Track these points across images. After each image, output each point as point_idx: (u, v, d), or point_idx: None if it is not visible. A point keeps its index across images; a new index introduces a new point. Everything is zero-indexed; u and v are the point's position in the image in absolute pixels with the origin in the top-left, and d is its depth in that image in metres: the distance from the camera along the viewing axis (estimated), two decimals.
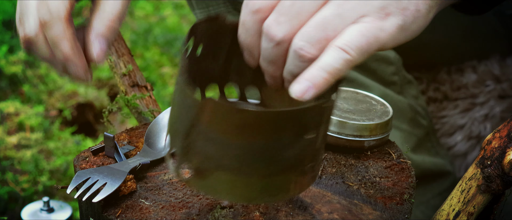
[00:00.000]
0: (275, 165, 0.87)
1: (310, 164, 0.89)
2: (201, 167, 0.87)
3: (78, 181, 0.95)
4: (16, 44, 2.55)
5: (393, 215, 0.94)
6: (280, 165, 0.87)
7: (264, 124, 0.83)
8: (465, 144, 1.56)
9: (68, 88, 2.32)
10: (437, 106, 1.61)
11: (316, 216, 0.93)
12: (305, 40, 0.83)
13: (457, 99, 1.59)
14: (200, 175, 0.88)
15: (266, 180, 0.88)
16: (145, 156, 1.03)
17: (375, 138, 1.06)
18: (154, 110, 1.21)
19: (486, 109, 1.55)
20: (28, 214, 1.55)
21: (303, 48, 0.83)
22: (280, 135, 0.84)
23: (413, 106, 1.49)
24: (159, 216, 0.93)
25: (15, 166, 1.98)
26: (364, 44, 0.84)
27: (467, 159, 1.56)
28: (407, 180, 1.00)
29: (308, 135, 0.87)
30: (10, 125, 2.16)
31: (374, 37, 0.84)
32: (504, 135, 0.94)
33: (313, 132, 0.87)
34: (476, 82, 1.58)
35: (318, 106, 0.85)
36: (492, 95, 1.56)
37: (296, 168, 0.89)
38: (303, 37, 0.83)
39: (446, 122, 1.58)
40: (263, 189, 0.88)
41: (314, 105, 0.84)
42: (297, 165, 0.89)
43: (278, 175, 0.88)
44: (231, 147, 0.85)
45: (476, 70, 1.60)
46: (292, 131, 0.85)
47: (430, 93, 1.62)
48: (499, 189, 0.95)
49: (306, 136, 0.87)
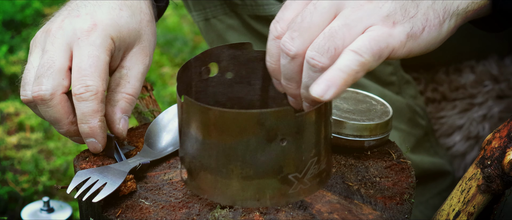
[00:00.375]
0: (249, 167, 0.92)
1: (293, 174, 0.93)
2: (191, 167, 0.95)
3: (78, 181, 0.96)
4: (16, 44, 2.55)
5: (393, 215, 0.94)
6: (255, 168, 0.92)
7: (229, 123, 0.89)
8: (463, 144, 1.56)
9: None
10: (435, 107, 1.61)
11: (316, 216, 0.93)
12: (316, 50, 0.87)
13: (455, 99, 1.59)
14: (190, 175, 0.96)
15: (245, 182, 0.92)
16: (145, 156, 1.03)
17: (375, 138, 1.06)
18: (154, 109, 1.22)
19: (485, 109, 1.55)
20: (28, 214, 1.55)
21: (314, 57, 0.87)
22: (247, 137, 0.90)
23: (411, 107, 1.49)
24: (159, 216, 0.93)
25: (15, 166, 1.98)
26: (375, 48, 0.86)
27: (466, 159, 1.56)
28: (407, 180, 1.00)
29: (277, 141, 0.91)
30: (10, 125, 2.16)
31: (384, 42, 0.87)
32: (504, 135, 0.94)
33: (284, 139, 0.91)
34: (474, 83, 1.58)
35: (283, 112, 0.89)
36: (490, 96, 1.56)
37: (275, 174, 0.92)
38: (313, 48, 0.87)
39: (445, 122, 1.58)
40: (244, 191, 0.93)
41: (276, 110, 0.89)
42: (275, 172, 0.92)
43: (255, 178, 0.92)
44: (207, 146, 0.92)
45: (474, 70, 1.60)
46: (259, 134, 0.90)
47: (428, 93, 1.61)
48: (499, 189, 0.95)
49: (276, 141, 0.90)
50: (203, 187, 0.95)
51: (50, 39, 1.03)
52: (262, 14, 1.39)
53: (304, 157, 0.92)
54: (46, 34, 1.04)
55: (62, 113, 1.01)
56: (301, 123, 0.90)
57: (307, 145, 0.92)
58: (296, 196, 0.94)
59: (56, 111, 1.00)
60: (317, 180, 0.95)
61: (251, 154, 0.91)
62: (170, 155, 1.05)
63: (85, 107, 0.99)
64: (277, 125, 0.89)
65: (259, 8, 1.39)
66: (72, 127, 1.02)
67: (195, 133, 0.92)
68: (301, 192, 0.94)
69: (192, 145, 0.93)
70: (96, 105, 0.99)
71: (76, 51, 1.01)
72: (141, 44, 1.06)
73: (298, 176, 0.93)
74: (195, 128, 0.92)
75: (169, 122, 1.07)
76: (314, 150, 0.93)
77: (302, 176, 0.93)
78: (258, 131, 0.90)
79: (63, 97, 1.00)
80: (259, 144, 0.90)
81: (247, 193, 0.93)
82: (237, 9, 1.42)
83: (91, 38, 1.01)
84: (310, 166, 0.94)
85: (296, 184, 0.93)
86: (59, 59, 1.01)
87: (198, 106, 0.91)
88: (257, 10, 1.39)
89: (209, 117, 0.90)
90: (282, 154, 0.91)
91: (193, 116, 0.92)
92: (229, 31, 1.44)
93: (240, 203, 0.94)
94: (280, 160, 0.91)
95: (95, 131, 1.00)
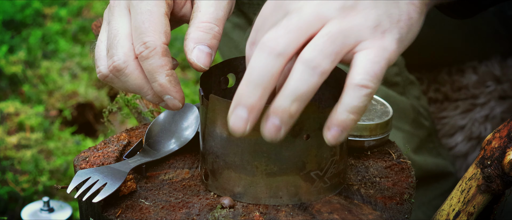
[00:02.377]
0: (274, 163, 0.93)
1: (315, 171, 0.94)
2: (214, 167, 0.96)
3: (78, 181, 0.95)
4: (16, 44, 2.55)
5: (393, 215, 0.94)
6: (279, 164, 0.93)
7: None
8: (465, 145, 1.56)
9: (68, 88, 2.32)
10: (437, 107, 1.61)
11: (316, 216, 0.93)
12: (318, 51, 0.83)
13: (457, 100, 1.59)
14: (213, 175, 0.96)
15: (269, 179, 0.93)
16: (145, 156, 1.03)
17: (375, 138, 1.06)
18: (154, 109, 1.22)
19: (487, 110, 1.55)
20: (28, 214, 1.55)
21: (316, 58, 0.83)
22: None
23: (415, 107, 1.49)
24: (159, 216, 0.93)
25: (15, 166, 1.98)
26: (379, 70, 0.84)
27: (468, 160, 1.56)
28: (407, 180, 1.00)
29: (301, 136, 0.91)
30: (10, 125, 2.16)
31: (384, 59, 0.85)
32: (504, 135, 0.94)
33: (308, 134, 0.91)
34: (477, 83, 1.58)
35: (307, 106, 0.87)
36: (492, 96, 1.56)
37: (298, 171, 0.93)
38: (314, 49, 0.83)
39: (447, 123, 1.58)
40: (268, 189, 0.94)
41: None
42: (298, 168, 0.93)
43: (279, 175, 0.93)
44: (232, 143, 0.93)
45: (477, 71, 1.60)
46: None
47: (430, 94, 1.61)
48: (499, 189, 0.95)
49: (300, 137, 0.91)
50: (226, 186, 0.96)
51: (110, 11, 0.99)
52: None
53: (325, 155, 0.93)
54: (108, 8, 1.00)
55: (141, 78, 0.96)
56: (324, 119, 0.90)
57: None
58: (316, 194, 0.95)
59: (135, 78, 0.96)
60: (335, 180, 0.96)
61: (276, 149, 0.92)
62: (170, 155, 1.05)
63: (149, 65, 0.94)
64: (302, 119, 0.89)
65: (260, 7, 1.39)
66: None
67: (220, 131, 0.93)
68: (321, 191, 0.95)
69: (217, 143, 0.94)
70: (158, 60, 0.94)
71: (132, 11, 0.97)
72: None
73: (319, 174, 0.94)
74: (220, 126, 0.93)
75: (169, 122, 1.07)
76: (334, 148, 0.94)
77: (323, 174, 0.94)
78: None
79: (138, 62, 0.96)
80: (284, 139, 0.88)
81: (271, 190, 0.94)
82: (244, 7, 1.42)
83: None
84: (330, 164, 0.94)
85: (317, 182, 0.94)
86: (122, 25, 0.97)
87: (225, 102, 0.91)
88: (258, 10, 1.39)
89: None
90: (306, 150, 0.92)
91: (219, 114, 0.92)
92: (236, 29, 1.44)
93: (264, 201, 0.94)
94: (303, 156, 0.92)
95: (166, 87, 0.95)
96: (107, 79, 0.98)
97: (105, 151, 1.04)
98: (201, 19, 0.97)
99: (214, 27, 0.97)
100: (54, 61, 2.47)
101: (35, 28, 2.63)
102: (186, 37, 0.97)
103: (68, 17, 2.74)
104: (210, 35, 0.96)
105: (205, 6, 0.98)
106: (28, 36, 2.59)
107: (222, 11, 0.98)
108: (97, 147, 1.05)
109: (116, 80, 0.98)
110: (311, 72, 0.83)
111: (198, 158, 1.05)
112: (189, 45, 0.96)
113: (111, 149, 1.04)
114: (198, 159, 1.05)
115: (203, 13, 0.97)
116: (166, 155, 1.05)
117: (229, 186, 0.95)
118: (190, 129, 1.07)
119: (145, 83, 0.96)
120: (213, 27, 0.97)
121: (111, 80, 0.98)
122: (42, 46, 2.57)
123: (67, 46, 2.56)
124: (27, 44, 2.54)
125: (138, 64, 0.96)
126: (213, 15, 0.97)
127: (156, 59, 0.94)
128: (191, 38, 0.96)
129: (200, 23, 0.97)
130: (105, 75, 0.97)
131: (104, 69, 0.97)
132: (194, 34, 0.96)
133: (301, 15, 0.85)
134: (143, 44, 0.94)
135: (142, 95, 0.98)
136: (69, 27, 2.69)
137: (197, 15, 0.98)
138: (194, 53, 0.96)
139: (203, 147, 0.97)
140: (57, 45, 2.56)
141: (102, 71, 0.97)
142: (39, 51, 2.53)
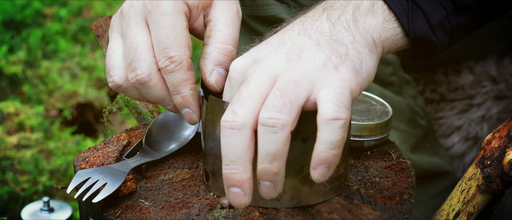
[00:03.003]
0: None
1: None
2: (214, 168, 0.96)
3: (78, 181, 0.96)
4: (16, 44, 2.56)
5: (393, 215, 0.94)
6: None
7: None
8: (462, 145, 1.56)
9: (68, 88, 2.32)
10: (434, 108, 1.61)
11: (316, 216, 0.93)
12: (271, 109, 0.85)
13: (454, 100, 1.59)
14: (213, 176, 0.97)
15: None
16: (145, 156, 1.03)
17: (375, 138, 1.06)
18: (153, 110, 1.22)
19: (483, 110, 1.55)
20: (28, 214, 1.55)
21: (272, 116, 0.85)
22: None
23: (411, 107, 1.49)
24: (159, 216, 0.93)
25: (15, 166, 1.98)
26: (345, 99, 0.86)
27: (465, 160, 1.56)
28: (406, 180, 1.00)
29: (299, 139, 0.91)
30: (10, 125, 2.16)
31: (346, 88, 0.86)
32: (503, 135, 0.94)
33: (306, 137, 0.92)
34: (473, 83, 1.58)
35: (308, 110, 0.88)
36: (489, 96, 1.56)
37: (296, 174, 0.93)
38: (268, 109, 0.85)
39: (443, 123, 1.58)
40: None
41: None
42: (296, 171, 0.93)
43: None
44: None
45: (473, 71, 1.60)
46: None
47: (427, 94, 1.61)
48: (499, 189, 0.95)
49: (298, 140, 0.91)
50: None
51: (125, 21, 1.00)
52: (262, 14, 1.39)
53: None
54: (120, 17, 1.01)
55: (164, 89, 0.98)
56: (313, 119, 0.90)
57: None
58: (315, 197, 0.95)
59: (157, 90, 0.98)
60: (335, 184, 0.96)
61: None
62: (170, 155, 1.05)
63: (174, 79, 0.96)
64: (300, 122, 0.89)
65: (258, 8, 1.39)
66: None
67: (219, 132, 0.92)
68: (320, 194, 0.95)
69: (216, 144, 0.94)
70: (184, 74, 0.96)
71: (151, 25, 0.98)
72: None
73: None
74: (219, 127, 0.92)
75: (169, 122, 1.07)
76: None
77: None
78: None
79: (160, 75, 0.98)
80: None
81: None
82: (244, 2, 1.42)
83: (161, 8, 0.98)
84: None
85: (316, 185, 0.94)
86: (141, 39, 0.98)
87: (224, 104, 0.92)
88: (257, 10, 1.39)
89: None
90: (304, 153, 0.92)
91: (218, 115, 0.92)
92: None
93: (262, 203, 0.94)
94: (301, 158, 0.92)
95: (188, 100, 0.97)
96: (120, 88, 1.00)
97: (105, 151, 1.04)
98: (220, 39, 0.99)
99: (233, 50, 0.99)
100: (54, 61, 2.47)
101: (35, 28, 2.63)
102: (206, 57, 0.98)
103: (68, 17, 2.75)
104: (229, 58, 0.99)
105: (224, 26, 1.00)
106: (28, 36, 2.59)
107: (238, 32, 1.01)
108: (97, 147, 1.06)
109: (133, 91, 0.99)
110: (273, 130, 0.85)
111: (198, 158, 1.05)
112: (209, 66, 0.98)
113: (111, 149, 1.05)
114: (198, 159, 1.05)
115: (222, 33, 0.99)
116: (166, 155, 1.05)
117: None
118: (190, 129, 1.07)
119: (167, 95, 0.98)
120: (232, 49, 0.99)
121: (124, 90, 1.00)
122: (42, 46, 2.57)
123: (67, 46, 2.56)
124: (27, 44, 2.54)
125: (161, 77, 0.98)
126: (232, 37, 0.99)
127: (182, 73, 0.96)
128: (211, 59, 0.98)
129: (220, 44, 0.99)
130: (119, 85, 0.99)
131: (118, 80, 0.99)
132: (214, 55, 0.98)
133: (252, 83, 0.87)
134: (169, 58, 0.96)
135: (162, 105, 1.00)
136: (69, 27, 2.69)
137: (216, 34, 0.99)
138: (214, 75, 0.98)
139: (204, 147, 0.97)
140: (57, 45, 2.56)
141: (117, 81, 0.99)
142: (39, 51, 2.53)
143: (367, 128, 1.05)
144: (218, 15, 1.00)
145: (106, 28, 1.27)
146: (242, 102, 0.86)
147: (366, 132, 1.05)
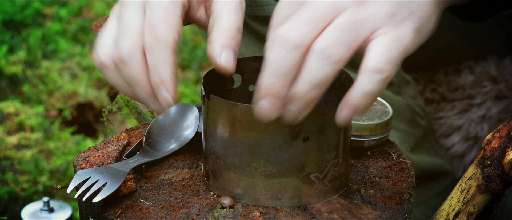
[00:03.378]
0: (272, 165, 0.93)
1: (314, 173, 0.94)
2: (214, 167, 0.96)
3: (78, 181, 0.96)
4: (16, 44, 2.56)
5: (393, 215, 0.94)
6: (277, 166, 0.93)
7: (255, 119, 0.89)
8: (462, 145, 1.56)
9: (68, 88, 2.32)
10: (434, 108, 1.61)
11: (316, 216, 0.93)
12: (331, 40, 0.83)
13: (454, 100, 1.59)
14: (214, 176, 0.97)
15: (268, 181, 0.94)
16: (145, 156, 1.03)
17: (375, 138, 1.06)
18: None
19: (483, 110, 1.55)
20: (28, 214, 1.55)
21: (330, 47, 0.83)
22: (271, 133, 0.91)
23: (411, 107, 1.49)
24: (159, 216, 0.93)
25: (15, 166, 1.99)
26: (395, 56, 0.84)
27: (465, 160, 1.56)
28: (407, 180, 1.00)
29: (300, 139, 0.91)
30: (10, 125, 2.16)
31: (401, 46, 0.85)
32: (504, 134, 0.94)
33: (307, 137, 0.91)
34: (473, 83, 1.58)
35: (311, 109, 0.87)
36: (489, 96, 1.56)
37: (297, 173, 0.93)
38: (327, 38, 0.84)
39: (443, 123, 1.58)
40: (266, 190, 0.94)
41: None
42: (297, 171, 0.93)
43: (278, 176, 0.93)
44: (232, 144, 0.93)
45: (473, 71, 1.60)
46: (283, 130, 0.91)
47: (427, 94, 1.62)
48: (499, 189, 0.95)
49: (299, 139, 0.91)
50: (226, 187, 0.96)
51: (123, 7, 0.99)
52: (262, 14, 1.39)
53: (325, 157, 0.93)
54: (120, 5, 1.00)
55: (140, 72, 0.96)
56: (324, 121, 0.91)
57: (328, 145, 0.93)
58: (316, 197, 0.95)
59: (134, 70, 0.96)
60: (336, 183, 0.96)
61: (275, 151, 0.92)
62: (170, 155, 1.05)
63: (155, 56, 0.94)
64: (301, 121, 0.89)
65: (258, 8, 1.39)
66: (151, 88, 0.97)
67: (221, 132, 0.94)
68: (321, 194, 0.95)
69: (217, 144, 0.95)
70: (166, 54, 0.94)
71: (147, 10, 0.97)
72: None
73: (319, 176, 0.94)
74: (221, 126, 0.94)
75: (169, 122, 1.07)
76: (335, 151, 0.94)
77: (322, 177, 0.94)
78: (282, 127, 0.91)
79: (143, 57, 0.96)
80: (282, 141, 0.91)
81: (269, 192, 0.94)
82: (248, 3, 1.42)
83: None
84: (331, 167, 0.94)
85: (317, 185, 0.94)
86: (134, 21, 0.97)
87: (224, 103, 0.92)
88: (257, 10, 1.39)
89: (235, 113, 0.92)
90: (305, 152, 0.92)
91: (219, 114, 0.93)
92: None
93: (262, 202, 0.95)
94: (302, 158, 0.92)
95: (164, 79, 0.94)
96: (102, 69, 0.98)
97: (105, 151, 1.04)
98: (225, 26, 0.98)
99: (237, 35, 0.98)
100: (54, 61, 2.47)
101: (35, 28, 2.63)
102: (212, 43, 0.97)
103: (68, 17, 2.75)
104: (235, 42, 0.97)
105: (227, 15, 0.99)
106: (28, 36, 2.59)
107: (242, 21, 1.00)
108: (97, 147, 1.06)
109: (111, 72, 0.97)
110: (326, 62, 0.83)
111: (198, 158, 1.06)
112: (217, 50, 0.96)
113: (111, 149, 1.05)
114: (198, 159, 1.05)
115: (226, 21, 0.98)
116: (166, 155, 1.05)
117: (229, 186, 0.95)
118: (190, 129, 1.07)
119: (140, 77, 0.96)
120: (236, 35, 0.98)
121: (105, 71, 0.98)
122: (42, 46, 2.57)
123: (67, 46, 2.56)
124: (27, 44, 2.54)
125: (143, 60, 0.96)
126: (235, 25, 0.98)
127: (164, 52, 0.94)
128: (218, 44, 0.97)
129: (225, 30, 0.98)
130: (103, 64, 0.97)
131: (103, 57, 0.97)
132: (220, 40, 0.97)
133: (315, 7, 0.85)
134: (154, 35, 0.94)
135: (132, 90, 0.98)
136: (69, 27, 2.69)
137: (220, 22, 0.98)
138: (223, 57, 0.96)
139: (205, 146, 0.97)
140: (57, 45, 2.56)
141: (101, 59, 0.97)
142: (39, 51, 2.53)
143: (367, 127, 1.05)
144: (220, 6, 1.00)
145: None
146: (302, 23, 0.84)
147: (366, 131, 1.05)
